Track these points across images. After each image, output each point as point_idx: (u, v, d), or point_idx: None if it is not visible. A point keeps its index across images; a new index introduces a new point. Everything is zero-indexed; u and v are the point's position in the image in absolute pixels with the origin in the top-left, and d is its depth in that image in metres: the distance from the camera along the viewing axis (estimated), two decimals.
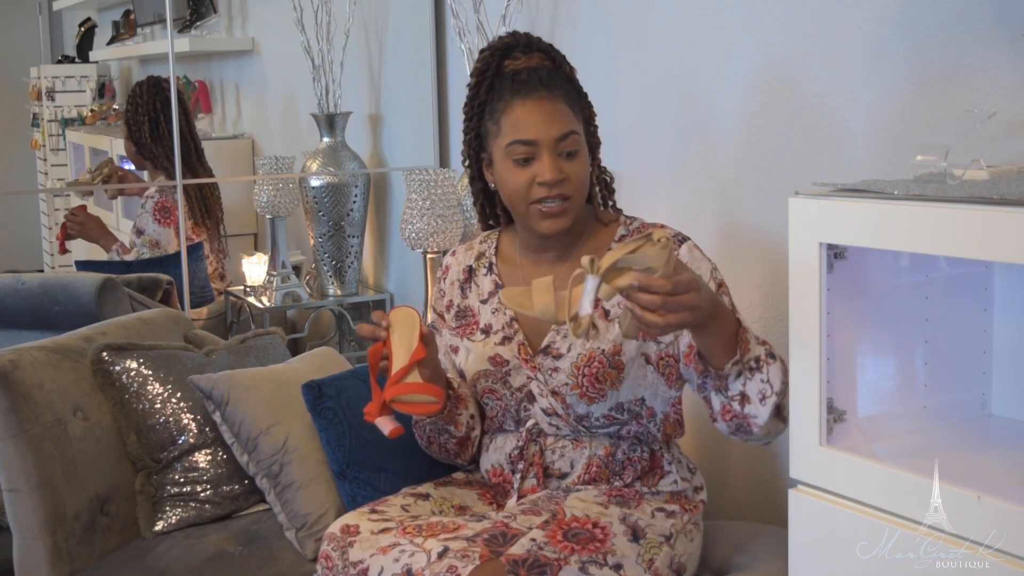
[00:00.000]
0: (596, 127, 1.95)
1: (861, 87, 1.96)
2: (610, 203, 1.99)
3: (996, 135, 1.69)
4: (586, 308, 1.50)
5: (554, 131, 1.82)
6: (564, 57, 1.91)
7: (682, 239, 1.87)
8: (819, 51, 2.04)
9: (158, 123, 3.78)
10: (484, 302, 1.97)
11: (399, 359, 1.76)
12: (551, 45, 1.91)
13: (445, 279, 2.04)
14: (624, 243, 1.52)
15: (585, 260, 1.49)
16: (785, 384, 1.64)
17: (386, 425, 1.78)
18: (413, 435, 2.02)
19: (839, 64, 2.00)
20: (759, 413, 1.66)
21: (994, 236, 1.26)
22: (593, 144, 1.93)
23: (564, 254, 1.91)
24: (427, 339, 1.78)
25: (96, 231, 3.94)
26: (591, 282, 1.49)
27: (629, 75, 2.51)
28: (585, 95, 1.92)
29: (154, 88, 3.80)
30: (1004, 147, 1.68)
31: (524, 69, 1.85)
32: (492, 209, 2.01)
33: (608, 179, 1.99)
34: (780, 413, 1.67)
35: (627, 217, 1.96)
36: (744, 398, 1.67)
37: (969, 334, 1.59)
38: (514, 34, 1.91)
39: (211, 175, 3.91)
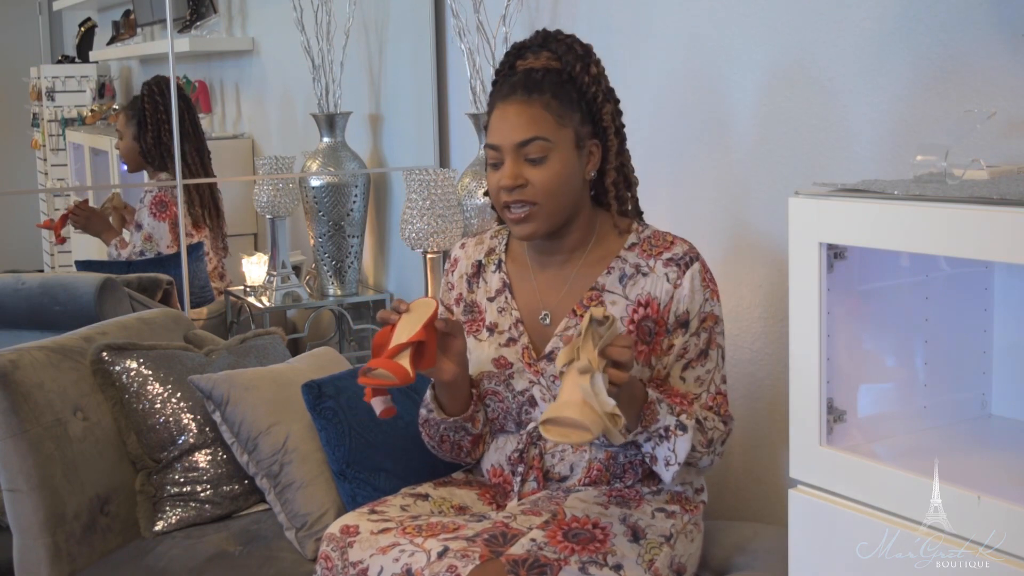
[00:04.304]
0: (614, 127, 1.86)
1: (861, 87, 1.95)
2: (628, 207, 1.93)
3: (996, 135, 1.69)
4: (612, 401, 1.59)
5: (515, 136, 1.79)
6: (577, 55, 1.83)
7: (692, 258, 1.84)
8: (819, 51, 2.03)
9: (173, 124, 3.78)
10: (491, 300, 1.96)
11: (396, 340, 1.75)
12: (566, 43, 1.84)
13: (453, 272, 2.02)
14: (580, 336, 1.61)
15: (579, 365, 1.58)
16: (693, 454, 1.77)
17: (377, 405, 1.76)
18: (413, 435, 2.02)
19: (839, 64, 1.99)
20: (663, 475, 1.79)
21: (994, 236, 1.26)
22: (607, 147, 1.86)
23: (570, 258, 1.90)
24: (452, 327, 1.79)
25: (99, 224, 3.95)
26: (599, 378, 1.59)
27: (629, 75, 2.50)
28: (592, 97, 1.83)
29: (169, 89, 3.77)
30: (1004, 147, 1.68)
31: (522, 71, 1.83)
32: None
33: (630, 182, 1.92)
34: (695, 464, 1.83)
35: (640, 224, 1.92)
36: (653, 458, 1.79)
37: (969, 334, 1.59)
38: (537, 33, 1.87)
39: (212, 175, 3.91)
